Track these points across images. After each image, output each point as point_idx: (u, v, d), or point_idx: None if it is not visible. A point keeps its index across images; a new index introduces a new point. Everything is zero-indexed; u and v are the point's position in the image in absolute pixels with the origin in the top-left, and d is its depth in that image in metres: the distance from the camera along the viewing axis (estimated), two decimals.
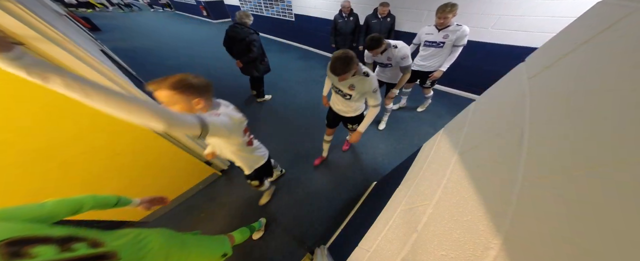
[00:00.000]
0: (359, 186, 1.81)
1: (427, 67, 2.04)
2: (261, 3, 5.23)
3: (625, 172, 0.19)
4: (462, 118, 0.73)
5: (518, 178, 0.31)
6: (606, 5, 0.32)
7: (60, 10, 3.07)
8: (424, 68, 2.07)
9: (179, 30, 6.80)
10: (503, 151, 0.39)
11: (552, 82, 0.37)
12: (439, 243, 0.40)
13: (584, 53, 0.32)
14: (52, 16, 1.43)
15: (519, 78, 0.49)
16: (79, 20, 4.90)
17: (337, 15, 2.92)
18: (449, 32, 1.77)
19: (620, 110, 0.22)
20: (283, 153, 2.12)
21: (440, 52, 1.90)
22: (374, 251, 0.67)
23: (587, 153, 0.23)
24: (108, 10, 10.04)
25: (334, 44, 3.23)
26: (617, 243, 0.17)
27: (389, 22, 2.72)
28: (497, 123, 0.49)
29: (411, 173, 0.88)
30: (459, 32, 1.73)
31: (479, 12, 2.43)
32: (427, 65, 2.03)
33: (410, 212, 0.60)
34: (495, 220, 0.31)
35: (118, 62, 2.72)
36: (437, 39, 1.85)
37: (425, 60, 2.02)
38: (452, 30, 1.75)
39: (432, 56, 1.97)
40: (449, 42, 1.80)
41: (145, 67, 3.95)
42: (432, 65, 2.00)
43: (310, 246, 1.42)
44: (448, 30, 1.77)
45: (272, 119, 2.64)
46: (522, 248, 0.26)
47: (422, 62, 2.06)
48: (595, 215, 0.19)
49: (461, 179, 0.46)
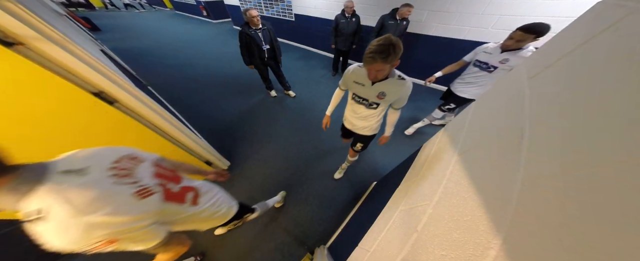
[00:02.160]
0: (359, 186, 1.81)
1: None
2: (261, 3, 5.23)
3: (625, 172, 0.18)
4: (462, 118, 0.73)
5: (518, 178, 0.31)
6: (606, 5, 0.32)
7: (60, 10, 3.07)
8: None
9: (179, 30, 6.80)
10: (503, 151, 0.39)
11: (552, 81, 0.37)
12: (439, 243, 0.40)
13: (584, 53, 0.32)
14: (52, 16, 1.43)
15: (519, 78, 0.49)
16: (79, 20, 4.91)
17: (339, 15, 2.90)
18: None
19: (620, 110, 0.22)
20: (283, 153, 2.12)
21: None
22: (374, 251, 0.67)
23: (587, 153, 0.23)
24: (121, 10, 10.03)
25: (334, 45, 3.22)
26: (617, 243, 0.17)
27: (405, 25, 2.63)
28: (497, 123, 0.49)
29: (411, 173, 0.88)
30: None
31: (479, 12, 2.43)
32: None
33: (410, 212, 0.60)
34: (495, 220, 0.31)
35: (118, 62, 2.72)
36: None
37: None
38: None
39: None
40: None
41: (146, 67, 3.95)
42: None
43: (310, 246, 1.42)
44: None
45: (271, 119, 2.64)
46: (522, 248, 0.26)
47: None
48: (596, 215, 0.19)
49: (461, 179, 0.46)
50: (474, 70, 1.62)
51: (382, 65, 0.78)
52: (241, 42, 2.25)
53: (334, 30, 3.03)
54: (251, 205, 1.17)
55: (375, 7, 3.20)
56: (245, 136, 2.35)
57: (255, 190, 1.75)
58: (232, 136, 2.34)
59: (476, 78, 1.62)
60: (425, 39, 3.07)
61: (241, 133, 2.39)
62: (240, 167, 1.97)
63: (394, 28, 2.62)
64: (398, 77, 0.93)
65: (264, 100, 3.02)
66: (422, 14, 2.85)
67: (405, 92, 0.95)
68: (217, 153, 1.78)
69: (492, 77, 1.53)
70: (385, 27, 2.66)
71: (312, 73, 3.93)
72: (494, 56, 1.46)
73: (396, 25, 2.60)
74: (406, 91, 0.95)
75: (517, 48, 1.35)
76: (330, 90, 3.34)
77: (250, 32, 2.18)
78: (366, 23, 3.29)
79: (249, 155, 2.09)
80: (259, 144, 2.24)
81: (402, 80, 0.93)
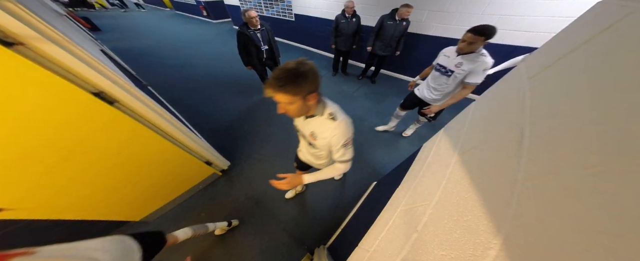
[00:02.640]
0: (359, 186, 1.80)
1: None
2: (261, 3, 5.23)
3: (625, 172, 0.18)
4: (462, 118, 0.73)
5: (518, 178, 0.31)
6: (606, 5, 0.32)
7: (60, 10, 3.07)
8: None
9: (179, 30, 6.80)
10: (503, 151, 0.39)
11: (552, 81, 0.37)
12: (439, 243, 0.40)
13: (584, 53, 0.32)
14: (52, 16, 1.43)
15: (519, 78, 0.49)
16: (79, 20, 4.91)
17: (339, 15, 2.89)
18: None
19: (620, 110, 0.22)
20: (283, 153, 2.12)
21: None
22: (374, 251, 0.67)
23: (587, 153, 0.23)
24: (123, 9, 10.04)
25: (334, 45, 3.21)
26: (617, 243, 0.17)
27: (405, 25, 2.62)
28: (497, 123, 0.49)
29: (411, 173, 0.88)
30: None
31: (479, 12, 2.43)
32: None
33: (410, 212, 0.60)
34: (495, 220, 0.31)
35: (118, 62, 2.72)
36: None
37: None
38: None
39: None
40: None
41: (146, 67, 3.95)
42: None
43: (310, 246, 1.42)
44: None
45: (271, 119, 2.64)
46: (522, 248, 0.26)
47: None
48: (596, 215, 0.19)
49: (461, 179, 0.46)
50: (435, 75, 1.55)
51: (283, 96, 0.57)
52: (239, 43, 2.25)
53: (334, 30, 3.02)
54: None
55: (375, 7, 3.20)
56: (245, 136, 2.35)
57: (255, 190, 1.76)
58: (232, 136, 2.34)
59: (438, 83, 1.55)
60: (425, 39, 3.06)
61: (241, 133, 2.39)
62: (240, 166, 1.97)
63: (393, 29, 2.61)
64: (329, 115, 0.69)
65: (264, 100, 3.02)
66: (422, 14, 2.85)
67: (337, 140, 0.70)
68: (217, 153, 1.78)
69: (449, 82, 1.45)
70: (384, 28, 2.65)
71: None
72: (451, 60, 1.40)
73: (395, 25, 2.59)
74: (338, 139, 0.70)
75: (470, 51, 1.30)
76: (330, 90, 3.35)
77: (248, 32, 2.18)
78: (366, 23, 3.29)
79: (249, 155, 2.09)
80: (259, 144, 2.24)
81: (332, 121, 0.69)
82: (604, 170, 0.20)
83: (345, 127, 0.70)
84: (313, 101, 0.63)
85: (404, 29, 2.65)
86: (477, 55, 1.28)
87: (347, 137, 0.71)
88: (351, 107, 2.92)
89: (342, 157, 0.76)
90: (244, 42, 2.23)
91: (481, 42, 1.22)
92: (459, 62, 1.34)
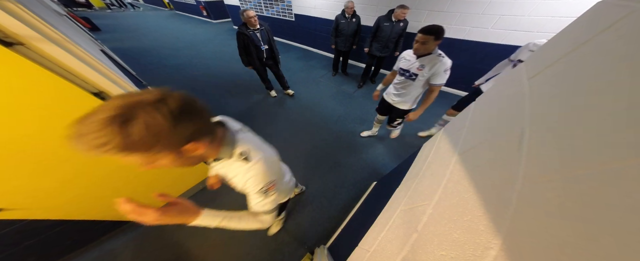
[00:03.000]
0: (359, 186, 1.81)
1: None
2: (261, 3, 5.23)
3: (625, 172, 0.18)
4: (462, 118, 0.73)
5: (518, 178, 0.31)
6: (606, 5, 0.32)
7: (60, 10, 3.07)
8: None
9: (179, 30, 6.79)
10: (503, 151, 0.39)
11: (552, 81, 0.37)
12: (439, 243, 0.40)
13: (584, 53, 0.32)
14: (52, 16, 1.43)
15: (519, 78, 0.49)
16: (79, 20, 4.90)
17: (339, 15, 2.89)
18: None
19: (620, 110, 0.22)
20: (283, 153, 2.12)
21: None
22: (374, 251, 0.67)
23: (587, 152, 0.23)
24: (123, 10, 10.07)
25: (334, 45, 3.21)
26: (617, 243, 0.17)
27: (402, 26, 2.58)
28: (497, 123, 0.49)
29: (411, 173, 0.88)
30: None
31: (479, 12, 2.43)
32: None
33: (410, 212, 0.60)
34: (495, 220, 0.31)
35: (118, 62, 2.72)
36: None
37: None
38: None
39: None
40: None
41: (146, 67, 3.95)
42: None
43: (310, 246, 1.42)
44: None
45: (271, 119, 2.64)
46: (522, 248, 0.26)
47: None
48: (596, 215, 0.19)
49: (461, 179, 0.46)
50: (401, 80, 1.52)
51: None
52: (239, 43, 2.25)
53: (334, 30, 3.02)
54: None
55: (375, 7, 3.20)
56: None
57: None
58: None
59: (404, 87, 1.53)
60: None
61: None
62: None
63: (390, 30, 2.59)
64: (239, 156, 0.53)
65: (264, 100, 3.02)
66: (422, 14, 2.84)
67: (252, 186, 0.53)
68: None
69: (415, 84, 1.43)
70: (381, 29, 2.63)
71: (312, 73, 3.92)
72: (412, 63, 1.39)
73: (392, 27, 2.57)
74: (253, 184, 0.53)
75: (426, 52, 1.29)
76: (330, 90, 3.34)
77: (248, 32, 2.18)
78: (366, 23, 3.29)
79: None
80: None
81: (244, 163, 0.53)
82: (604, 170, 0.20)
83: (263, 168, 0.53)
84: (200, 150, 0.43)
85: (401, 29, 2.64)
86: (435, 57, 1.29)
87: (267, 180, 0.54)
88: (351, 107, 2.92)
89: (263, 206, 0.57)
90: (244, 42, 2.23)
91: (433, 42, 1.22)
92: (420, 65, 1.35)
